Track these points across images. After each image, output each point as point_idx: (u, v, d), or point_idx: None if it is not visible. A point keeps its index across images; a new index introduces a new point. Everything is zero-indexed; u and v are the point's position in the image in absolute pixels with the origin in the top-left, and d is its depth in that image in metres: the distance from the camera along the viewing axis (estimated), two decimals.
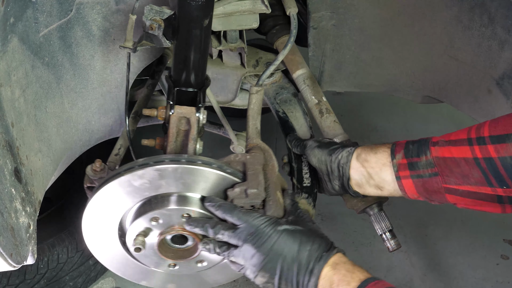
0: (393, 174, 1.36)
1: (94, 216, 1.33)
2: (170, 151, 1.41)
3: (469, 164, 1.24)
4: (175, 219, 1.29)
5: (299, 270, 1.20)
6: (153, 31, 1.34)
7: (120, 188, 1.28)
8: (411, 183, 1.34)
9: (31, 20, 1.30)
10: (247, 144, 1.45)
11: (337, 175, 1.44)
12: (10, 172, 1.19)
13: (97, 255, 1.41)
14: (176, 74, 1.48)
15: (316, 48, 1.86)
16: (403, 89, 1.94)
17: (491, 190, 1.24)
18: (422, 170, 1.31)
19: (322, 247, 1.22)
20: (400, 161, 1.35)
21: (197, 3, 1.31)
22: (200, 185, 1.29)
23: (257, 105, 1.56)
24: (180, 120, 1.44)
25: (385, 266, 2.56)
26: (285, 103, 1.85)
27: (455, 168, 1.27)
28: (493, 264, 2.60)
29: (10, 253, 1.17)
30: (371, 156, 1.40)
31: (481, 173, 1.23)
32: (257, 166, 1.32)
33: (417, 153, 1.33)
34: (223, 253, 1.27)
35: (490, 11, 1.55)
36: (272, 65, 1.69)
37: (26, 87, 1.32)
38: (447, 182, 1.29)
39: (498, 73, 1.60)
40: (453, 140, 1.29)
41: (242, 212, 1.25)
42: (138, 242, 1.29)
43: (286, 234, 1.22)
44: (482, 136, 1.23)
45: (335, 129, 1.70)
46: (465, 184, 1.27)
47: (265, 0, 1.71)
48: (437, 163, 1.29)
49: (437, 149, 1.30)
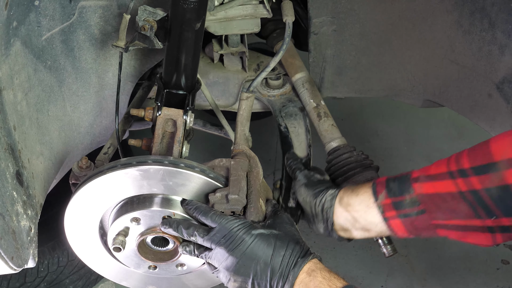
0: (379, 215, 1.31)
1: (76, 213, 1.33)
2: (155, 153, 1.42)
3: (455, 198, 1.21)
4: (156, 220, 1.29)
5: (273, 275, 1.18)
6: (145, 31, 1.34)
7: (102, 187, 1.28)
8: (400, 223, 1.30)
9: (34, 24, 1.31)
10: (233, 150, 1.44)
11: (321, 219, 1.41)
12: (12, 175, 1.20)
13: (78, 253, 1.41)
14: (167, 76, 1.48)
15: (316, 54, 1.86)
16: (404, 94, 1.94)
17: (480, 222, 1.21)
18: (409, 209, 1.27)
19: (296, 252, 1.20)
20: (384, 201, 1.31)
21: (189, 6, 1.32)
22: (182, 188, 1.29)
23: (246, 111, 1.55)
24: (167, 122, 1.44)
25: (385, 271, 2.56)
26: (290, 117, 1.83)
27: (442, 204, 1.24)
28: (494, 269, 2.59)
29: (11, 256, 1.17)
30: (354, 199, 1.36)
31: (468, 206, 1.20)
32: (240, 172, 1.31)
33: (399, 191, 1.29)
34: (201, 255, 1.26)
35: (491, 16, 1.55)
36: (263, 71, 1.69)
37: (28, 90, 1.32)
38: (436, 218, 1.26)
39: (499, 77, 1.61)
40: (434, 175, 1.26)
41: (217, 215, 1.23)
42: (118, 241, 1.29)
43: (260, 238, 1.20)
44: (463, 168, 1.20)
45: (332, 133, 1.70)
46: (454, 219, 1.23)
47: (266, 5, 1.71)
48: (422, 200, 1.26)
49: (420, 185, 1.26)
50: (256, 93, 1.97)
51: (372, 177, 1.57)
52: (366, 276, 2.55)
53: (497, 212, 1.18)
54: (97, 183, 1.28)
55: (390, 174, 1.37)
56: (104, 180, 1.27)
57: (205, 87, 1.76)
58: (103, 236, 1.36)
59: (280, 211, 1.32)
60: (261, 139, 3.04)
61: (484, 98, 1.69)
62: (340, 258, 2.61)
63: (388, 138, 3.21)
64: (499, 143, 1.18)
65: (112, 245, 1.30)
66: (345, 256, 2.62)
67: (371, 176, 1.57)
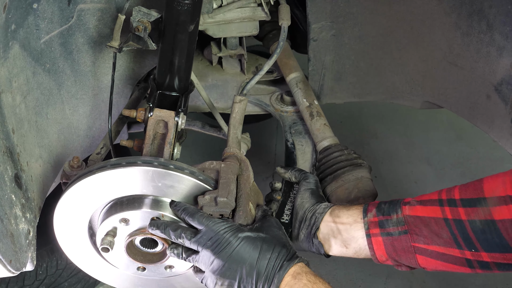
0: (363, 231, 1.34)
1: (65, 213, 1.33)
2: (146, 154, 1.42)
3: (439, 224, 1.25)
4: (145, 222, 1.29)
5: (258, 278, 1.18)
6: (139, 32, 1.35)
7: (91, 187, 1.28)
8: (381, 241, 1.32)
9: (33, 26, 1.31)
10: (224, 153, 1.44)
11: (308, 224, 1.42)
12: (11, 178, 1.20)
13: (68, 253, 1.41)
14: (160, 77, 1.49)
15: (316, 62, 1.86)
16: (402, 96, 1.94)
17: (459, 252, 1.24)
18: (392, 228, 1.30)
19: (282, 255, 1.20)
20: (372, 219, 1.34)
21: (183, 7, 1.32)
22: (171, 190, 1.28)
23: (239, 114, 1.55)
24: (158, 123, 1.44)
25: (384, 273, 2.55)
26: (299, 134, 1.83)
27: (424, 227, 1.27)
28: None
29: (10, 259, 1.17)
30: (344, 212, 1.38)
31: (449, 233, 1.23)
32: (230, 175, 1.30)
33: (388, 211, 1.32)
34: (188, 258, 1.26)
35: (489, 18, 1.56)
36: (257, 74, 1.69)
37: (27, 93, 1.32)
38: (416, 241, 1.28)
39: (497, 79, 1.61)
40: (425, 200, 1.30)
41: (203, 217, 1.23)
42: (106, 242, 1.29)
43: (247, 241, 1.20)
44: (453, 198, 1.25)
45: (324, 132, 1.70)
46: (433, 244, 1.26)
47: (265, 7, 1.72)
48: (407, 221, 1.29)
49: (409, 208, 1.30)
50: (270, 106, 1.97)
51: (362, 176, 1.57)
52: (366, 278, 2.54)
53: (478, 245, 1.21)
54: (86, 182, 1.28)
55: (390, 176, 1.39)
56: (93, 179, 1.27)
57: (202, 88, 1.76)
58: (92, 236, 1.36)
59: (269, 215, 1.31)
60: (260, 141, 3.04)
61: (482, 99, 1.69)
62: (339, 261, 2.60)
63: (387, 140, 3.22)
64: (491, 181, 1.22)
65: (101, 245, 1.30)
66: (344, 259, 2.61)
67: (361, 175, 1.57)
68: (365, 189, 1.58)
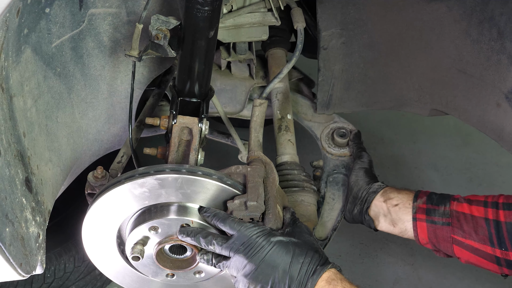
0: (411, 214, 1.50)
1: (93, 223, 1.33)
2: (171, 161, 1.42)
3: (479, 222, 1.41)
4: (173, 229, 1.29)
5: (291, 283, 1.18)
6: (159, 40, 1.35)
7: (120, 196, 1.28)
8: (425, 226, 1.48)
9: (44, 31, 1.31)
10: (248, 156, 1.45)
11: (361, 201, 1.60)
12: (21, 182, 1.20)
13: (96, 263, 1.41)
14: (180, 84, 1.49)
15: (326, 71, 1.85)
16: (410, 104, 1.93)
17: (491, 249, 1.40)
18: (437, 218, 1.47)
19: (315, 260, 1.20)
20: (421, 205, 1.50)
21: (203, 14, 1.32)
22: (200, 196, 1.29)
23: (260, 117, 1.55)
24: (182, 130, 1.45)
25: (391, 279, 2.54)
26: (335, 185, 1.78)
27: (466, 223, 1.43)
28: (500, 278, 2.56)
29: (20, 262, 1.17)
30: (395, 194, 1.55)
31: (487, 232, 1.40)
32: (257, 178, 1.31)
33: (437, 202, 1.49)
34: (218, 264, 1.26)
35: (499, 26, 1.55)
36: (276, 77, 1.70)
37: (38, 97, 1.33)
38: (455, 233, 1.45)
39: (507, 87, 1.60)
40: (472, 200, 1.47)
41: (235, 222, 1.24)
42: (137, 251, 1.29)
43: (279, 246, 1.20)
44: (497, 202, 1.42)
45: (285, 148, 1.72)
46: (470, 239, 1.43)
47: (275, 13, 1.72)
48: (452, 215, 1.46)
49: (456, 204, 1.47)
50: (318, 140, 1.90)
51: (302, 199, 1.61)
52: (373, 284, 2.54)
53: (508, 245, 1.37)
54: (115, 193, 1.28)
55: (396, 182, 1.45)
56: (122, 190, 1.27)
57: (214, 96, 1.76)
58: (120, 245, 1.36)
59: (299, 220, 1.32)
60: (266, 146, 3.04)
61: (492, 107, 1.68)
62: (347, 266, 2.60)
63: (393, 145, 3.21)
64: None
65: (131, 254, 1.30)
66: (352, 264, 2.61)
67: (301, 199, 1.60)
68: (301, 213, 1.59)
